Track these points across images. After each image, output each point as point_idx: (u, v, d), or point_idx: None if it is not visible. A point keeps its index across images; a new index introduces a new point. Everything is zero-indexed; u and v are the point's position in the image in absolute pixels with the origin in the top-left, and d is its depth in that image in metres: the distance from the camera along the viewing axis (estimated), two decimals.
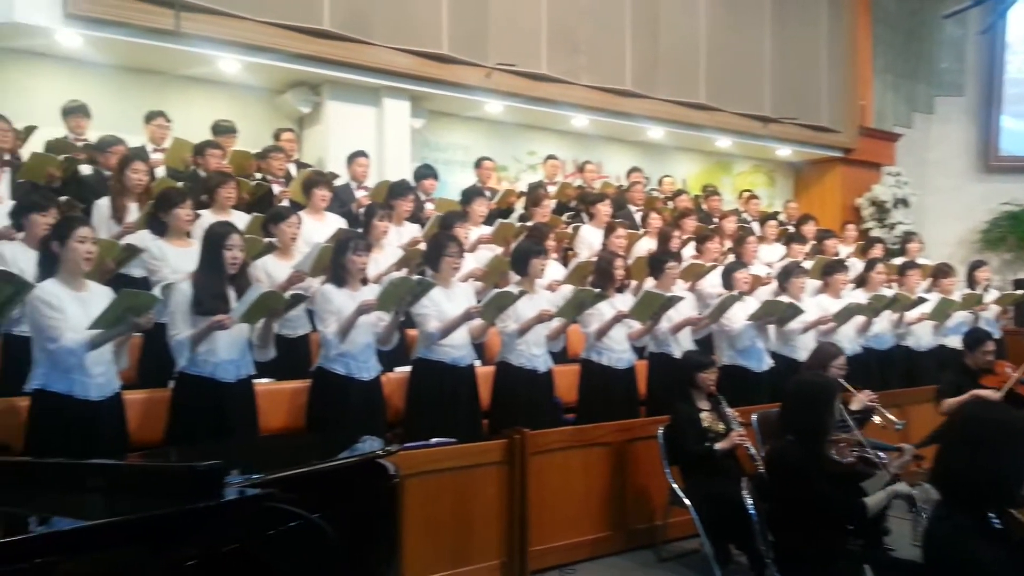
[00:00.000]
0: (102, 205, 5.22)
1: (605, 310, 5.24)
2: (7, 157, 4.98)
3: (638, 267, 6.24)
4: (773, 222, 8.74)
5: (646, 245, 7.15)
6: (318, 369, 4.52)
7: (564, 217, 7.82)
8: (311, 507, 1.85)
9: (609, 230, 6.44)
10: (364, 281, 4.68)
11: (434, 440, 4.38)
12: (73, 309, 3.55)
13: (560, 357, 5.48)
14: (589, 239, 7.08)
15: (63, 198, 5.19)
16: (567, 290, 5.84)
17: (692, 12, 10.29)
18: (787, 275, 6.14)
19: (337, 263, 4.52)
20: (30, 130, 6.09)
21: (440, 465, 4.26)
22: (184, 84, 7.80)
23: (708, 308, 5.90)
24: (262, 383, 4.44)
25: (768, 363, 5.90)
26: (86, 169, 5.92)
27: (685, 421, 4.63)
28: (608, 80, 9.43)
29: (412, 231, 6.15)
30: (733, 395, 4.98)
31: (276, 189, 6.65)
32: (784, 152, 11.93)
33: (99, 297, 3.69)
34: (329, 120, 8.19)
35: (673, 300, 5.34)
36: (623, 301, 5.40)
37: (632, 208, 8.36)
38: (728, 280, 5.97)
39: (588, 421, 5.11)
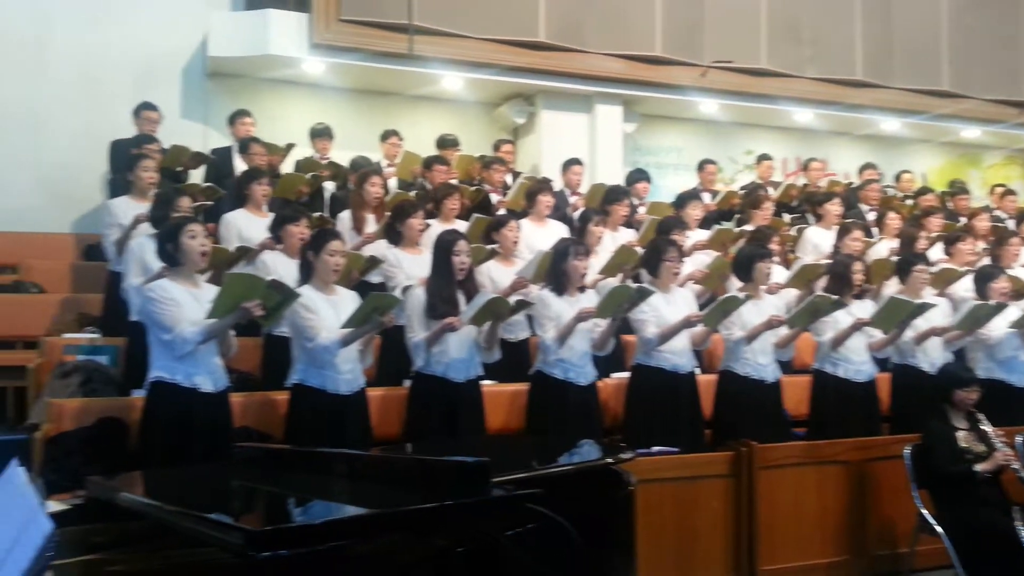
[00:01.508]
0: (344, 218, 5.65)
1: (841, 318, 4.86)
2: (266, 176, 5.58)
3: (878, 271, 5.74)
4: None
5: (883, 247, 6.57)
6: (537, 373, 4.58)
7: (787, 219, 7.39)
8: (553, 509, 1.86)
9: (843, 232, 5.98)
10: (582, 288, 4.70)
11: (655, 448, 4.30)
12: (326, 311, 3.88)
13: (788, 367, 5.18)
14: (815, 241, 6.62)
15: (316, 214, 5.71)
16: (793, 295, 5.51)
17: None
18: None
19: (557, 269, 4.56)
20: (289, 147, 6.77)
21: (663, 474, 4.15)
22: (412, 103, 8.30)
23: (960, 315, 5.29)
24: (485, 384, 4.58)
25: None
26: (330, 186, 6.47)
27: (938, 440, 4.18)
28: (836, 71, 8.84)
29: (627, 236, 6.09)
30: (991, 413, 4.44)
31: (494, 199, 6.87)
32: None
33: (347, 300, 4.02)
34: (542, 129, 8.36)
35: (924, 307, 4.85)
36: (861, 308, 4.98)
37: (864, 208, 7.74)
38: (983, 288, 5.33)
39: (821, 436, 4.78)
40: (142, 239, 4.57)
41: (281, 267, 4.52)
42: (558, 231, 5.84)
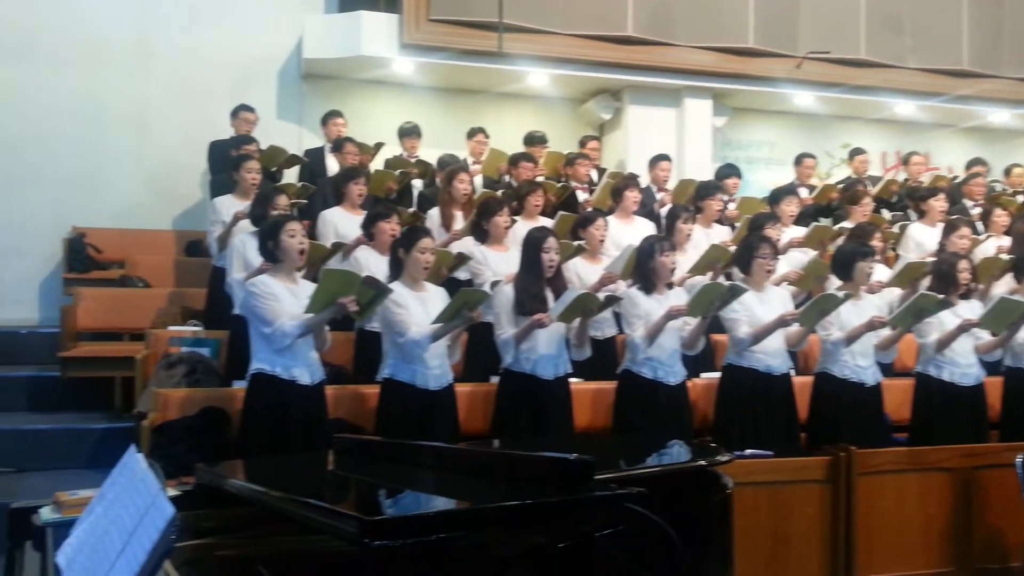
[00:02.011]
0: (433, 215, 5.72)
1: (947, 319, 4.63)
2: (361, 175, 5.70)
3: (986, 269, 5.44)
4: None
5: (990, 245, 6.23)
6: (625, 372, 4.53)
7: (887, 215, 7.09)
8: (650, 510, 1.83)
9: (949, 229, 5.70)
10: (670, 285, 4.62)
11: (748, 451, 4.19)
12: (415, 307, 3.95)
13: (888, 370, 4.97)
14: (919, 239, 6.34)
15: (411, 209, 5.80)
16: (896, 295, 5.28)
17: None
18: None
19: (643, 267, 4.49)
20: (379, 146, 6.89)
21: (756, 478, 4.03)
22: (498, 100, 8.34)
23: None
24: (572, 382, 4.56)
25: None
26: (418, 184, 6.56)
27: None
28: (940, 61, 8.44)
29: (721, 233, 5.95)
30: None
31: (581, 196, 6.83)
32: None
33: (435, 297, 4.08)
34: (629, 125, 8.27)
35: None
36: (968, 309, 4.73)
37: (968, 203, 7.36)
38: None
39: (923, 442, 4.57)
40: (244, 236, 4.73)
41: (373, 263, 4.61)
42: (645, 228, 5.76)
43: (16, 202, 7.26)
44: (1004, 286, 5.39)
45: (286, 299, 3.71)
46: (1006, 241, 6.17)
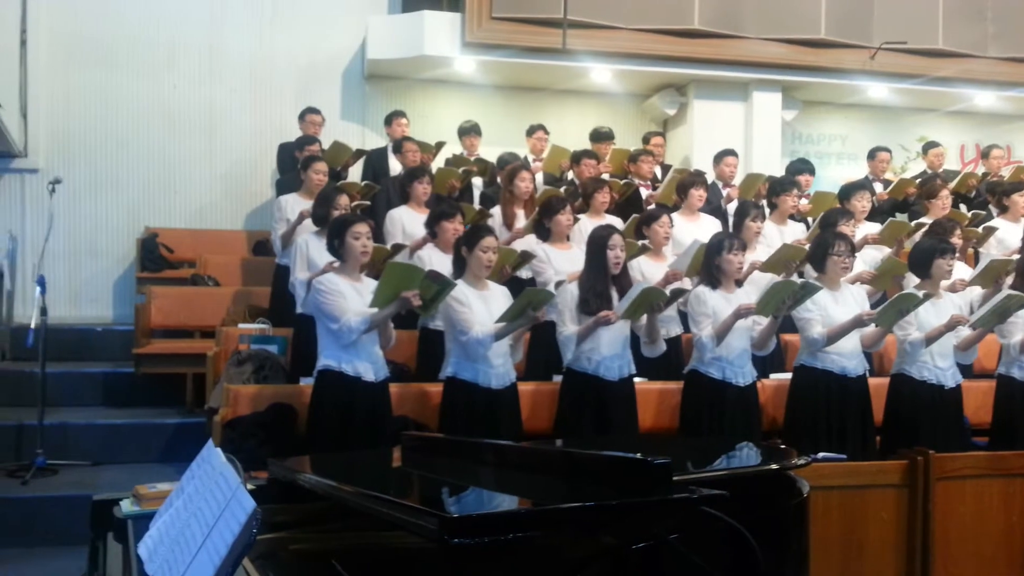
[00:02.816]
0: (494, 214, 5.72)
1: None
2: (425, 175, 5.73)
3: None
4: None
5: None
6: (692, 372, 4.45)
7: (967, 211, 6.81)
8: (727, 514, 1.79)
9: None
10: (739, 283, 4.51)
11: (821, 455, 4.07)
12: (478, 306, 3.95)
13: (968, 371, 4.77)
14: (1001, 235, 6.08)
15: (477, 207, 5.81)
16: (977, 293, 5.07)
17: None
18: None
19: (711, 264, 4.40)
20: (440, 145, 6.91)
21: (829, 482, 3.91)
22: (559, 97, 8.30)
23: None
24: (637, 381, 4.50)
25: None
26: (478, 182, 6.56)
27: None
28: (1023, 49, 8.05)
29: (796, 230, 5.80)
30: None
31: (644, 193, 6.74)
32: None
33: (498, 296, 4.07)
34: (694, 120, 8.13)
35: None
36: None
37: None
38: None
39: (1005, 447, 4.39)
40: (308, 236, 4.80)
41: (436, 262, 4.61)
42: (711, 225, 5.66)
43: (94, 205, 7.56)
44: None
45: (351, 296, 3.75)
46: None
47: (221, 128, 7.88)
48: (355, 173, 7.26)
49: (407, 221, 5.38)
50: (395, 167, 6.75)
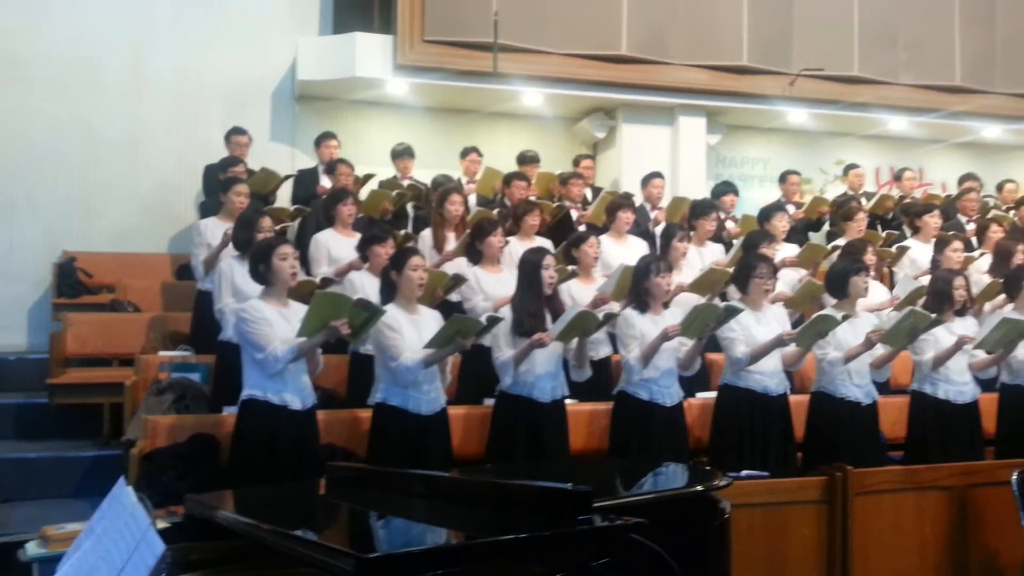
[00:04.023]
0: (425, 236, 5.71)
1: (942, 336, 4.62)
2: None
3: (981, 287, 5.44)
4: None
5: (984, 262, 6.24)
6: (620, 393, 4.51)
7: (881, 232, 7.10)
8: (648, 537, 1.81)
9: (942, 245, 5.71)
10: (666, 304, 4.60)
11: (744, 472, 4.16)
12: (409, 331, 3.92)
13: (885, 387, 4.95)
14: (913, 255, 6.35)
15: (402, 231, 5.77)
16: (892, 313, 5.27)
17: None
18: None
19: (639, 286, 4.48)
20: (368, 177, 6.85)
21: (752, 499, 4.00)
22: (491, 120, 8.36)
23: None
24: (568, 403, 4.53)
25: None
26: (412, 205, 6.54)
27: None
28: (934, 77, 8.51)
29: (715, 252, 5.95)
30: None
31: (575, 214, 6.83)
32: None
33: (429, 320, 4.05)
34: (623, 143, 8.29)
35: None
36: (963, 326, 4.71)
37: (962, 219, 7.38)
38: None
39: (919, 461, 4.55)
40: (231, 260, 4.68)
41: (368, 286, 4.59)
42: (638, 247, 5.76)
43: (8, 227, 7.25)
44: (990, 304, 5.39)
45: (278, 323, 3.68)
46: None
47: (145, 148, 7.67)
48: (284, 195, 7.16)
49: (332, 245, 5.28)
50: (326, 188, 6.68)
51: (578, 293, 5.12)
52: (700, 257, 5.76)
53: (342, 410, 4.51)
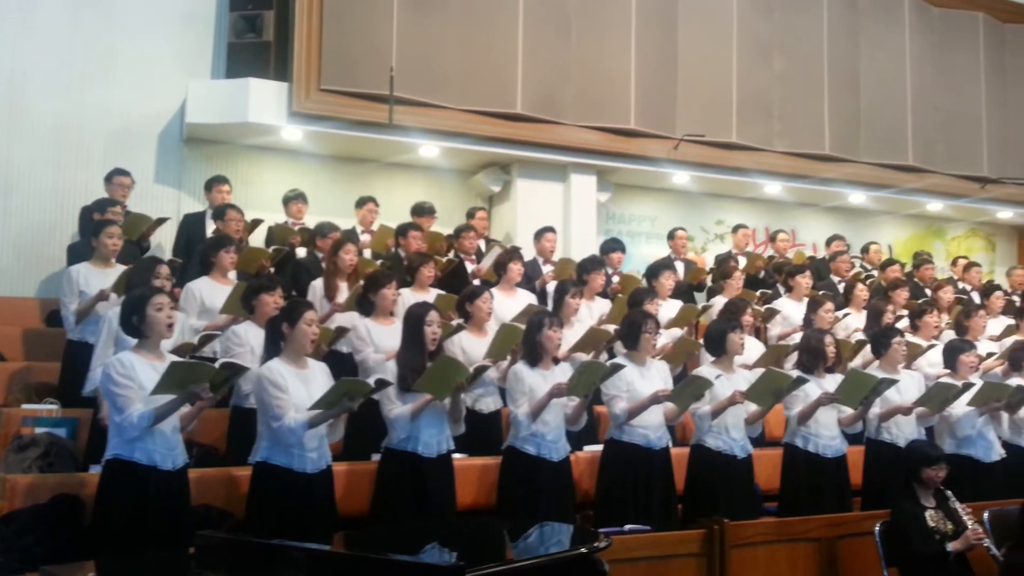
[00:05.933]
0: (316, 286, 5.59)
1: (813, 392, 4.87)
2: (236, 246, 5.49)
3: (847, 345, 5.79)
4: (999, 292, 7.83)
5: (852, 321, 6.65)
6: (509, 448, 4.52)
7: (756, 291, 7.46)
8: None
9: (815, 304, 6.05)
10: (556, 360, 4.67)
11: (627, 527, 4.23)
12: (296, 387, 3.76)
13: (760, 440, 5.16)
14: (786, 313, 6.69)
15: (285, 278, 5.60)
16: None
17: (896, 70, 9.84)
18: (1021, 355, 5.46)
19: (531, 341, 4.54)
20: (256, 223, 6.67)
21: (635, 554, 4.06)
22: (388, 170, 8.37)
23: (927, 395, 5.30)
24: (455, 457, 4.51)
25: (999, 453, 5.25)
26: (302, 252, 6.41)
27: (908, 520, 4.16)
28: (805, 145, 9.13)
29: (603, 306, 6.10)
30: (958, 488, 4.44)
31: (469, 267, 6.87)
32: (1006, 214, 10.86)
33: (318, 374, 3.93)
34: (517, 197, 8.46)
35: (885, 383, 4.85)
36: (833, 382, 4.96)
37: (835, 279, 7.86)
38: (952, 362, 5.39)
39: (792, 512, 4.75)
40: (116, 311, 4.43)
41: (253, 337, 4.40)
42: (526, 300, 5.84)
43: None
44: (862, 359, 5.72)
45: (148, 380, 3.45)
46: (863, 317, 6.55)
47: (18, 188, 7.27)
48: (168, 239, 6.90)
49: (207, 294, 5.02)
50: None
51: (470, 347, 5.13)
52: (589, 311, 5.90)
53: (219, 468, 4.32)
